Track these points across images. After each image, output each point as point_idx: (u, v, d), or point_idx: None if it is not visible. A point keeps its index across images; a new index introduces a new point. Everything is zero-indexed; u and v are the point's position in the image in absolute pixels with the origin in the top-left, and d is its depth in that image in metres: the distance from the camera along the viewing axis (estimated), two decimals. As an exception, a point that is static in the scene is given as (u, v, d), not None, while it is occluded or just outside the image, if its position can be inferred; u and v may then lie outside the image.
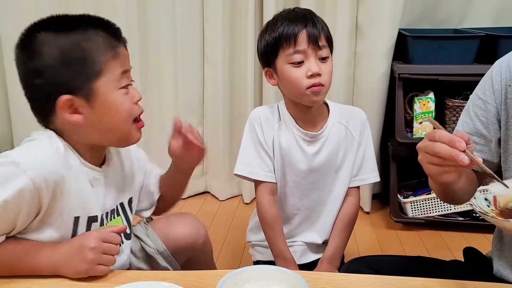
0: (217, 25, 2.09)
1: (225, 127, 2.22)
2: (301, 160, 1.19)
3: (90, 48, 0.77)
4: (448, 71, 1.81)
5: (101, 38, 0.79)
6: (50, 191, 0.74)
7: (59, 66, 0.76)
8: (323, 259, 1.23)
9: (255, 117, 1.20)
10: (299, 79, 1.09)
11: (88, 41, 0.78)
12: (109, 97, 0.79)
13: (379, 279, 0.72)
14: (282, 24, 1.09)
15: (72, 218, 0.80)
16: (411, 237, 1.91)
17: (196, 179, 2.35)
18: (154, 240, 1.00)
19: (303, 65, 1.09)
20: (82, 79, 0.77)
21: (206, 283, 0.71)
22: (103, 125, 0.81)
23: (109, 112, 0.80)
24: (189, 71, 2.19)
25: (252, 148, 1.20)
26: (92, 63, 0.77)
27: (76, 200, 0.79)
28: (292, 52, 1.08)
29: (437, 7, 2.09)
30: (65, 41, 0.77)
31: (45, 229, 0.78)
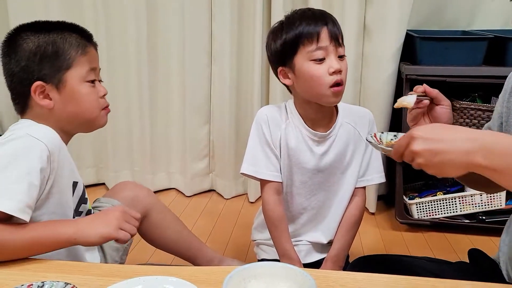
0: (225, 24, 2.10)
1: (232, 126, 2.23)
2: (309, 160, 1.19)
3: (64, 44, 0.92)
4: (456, 72, 1.80)
5: (74, 38, 0.94)
6: (57, 157, 0.87)
7: (35, 58, 0.90)
8: (327, 259, 1.23)
9: (262, 116, 1.20)
10: (322, 76, 1.08)
11: (62, 39, 0.92)
12: (76, 87, 0.93)
13: (386, 278, 0.72)
14: (302, 22, 1.09)
15: (71, 182, 0.94)
16: (416, 238, 1.90)
17: (202, 177, 2.36)
18: (108, 201, 1.14)
19: (324, 62, 1.08)
20: (53, 69, 0.91)
21: (212, 279, 0.71)
22: (70, 111, 0.94)
23: (75, 100, 0.93)
24: (197, 70, 2.20)
25: (259, 147, 1.20)
26: (63, 57, 0.91)
27: (69, 167, 0.93)
28: (314, 48, 1.08)
29: (446, 9, 2.08)
30: (43, 38, 0.91)
31: (52, 198, 0.87)
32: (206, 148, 2.34)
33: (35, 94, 0.90)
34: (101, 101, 0.98)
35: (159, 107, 2.31)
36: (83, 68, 0.93)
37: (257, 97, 2.16)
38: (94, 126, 0.99)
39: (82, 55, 0.93)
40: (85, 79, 0.94)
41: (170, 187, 2.42)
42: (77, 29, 0.96)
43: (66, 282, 0.67)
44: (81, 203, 0.98)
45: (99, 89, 0.97)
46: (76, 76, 0.93)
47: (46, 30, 0.92)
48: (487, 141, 0.66)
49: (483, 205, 1.88)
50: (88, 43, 0.96)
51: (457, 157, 0.66)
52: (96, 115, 0.97)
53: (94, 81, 0.96)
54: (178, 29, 2.18)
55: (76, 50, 0.92)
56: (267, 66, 2.17)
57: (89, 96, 0.95)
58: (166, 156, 2.39)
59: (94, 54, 0.97)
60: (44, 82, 0.91)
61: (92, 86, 0.96)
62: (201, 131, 2.29)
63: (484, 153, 0.65)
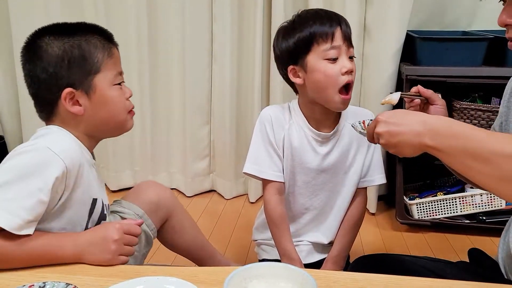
0: (225, 24, 2.10)
1: (232, 126, 2.23)
2: (312, 160, 1.19)
3: (89, 47, 0.88)
4: (456, 73, 1.81)
5: (97, 40, 0.90)
6: (75, 174, 0.83)
7: (62, 63, 0.86)
8: (328, 259, 1.23)
9: (266, 116, 1.20)
10: (335, 76, 1.09)
11: (87, 42, 0.88)
12: (106, 92, 0.90)
13: (386, 279, 0.73)
14: (317, 21, 1.09)
15: (90, 199, 0.90)
16: (417, 239, 1.90)
17: (202, 178, 2.36)
18: (129, 207, 1.09)
19: (337, 62, 1.09)
20: (82, 74, 0.87)
21: (213, 279, 0.71)
22: (100, 116, 0.91)
23: (105, 105, 0.90)
24: (197, 70, 2.20)
25: (262, 147, 1.20)
26: (91, 60, 0.88)
27: (89, 183, 0.89)
28: (328, 47, 1.08)
29: (446, 9, 2.08)
30: (67, 42, 0.87)
31: (64, 213, 0.84)
32: (206, 148, 2.34)
33: (65, 101, 0.87)
34: (127, 103, 0.95)
35: (160, 107, 2.31)
36: (110, 71, 0.90)
37: (257, 98, 2.16)
38: (123, 129, 0.96)
39: (109, 57, 0.90)
40: (113, 82, 0.91)
41: (170, 187, 2.41)
42: (98, 30, 0.93)
43: (67, 282, 0.67)
44: (101, 219, 0.94)
45: (125, 91, 0.94)
46: (105, 80, 0.90)
47: (68, 33, 0.88)
48: (434, 124, 0.74)
49: (483, 206, 1.88)
50: (112, 45, 0.93)
51: (410, 138, 0.75)
52: (124, 118, 0.94)
53: (121, 83, 0.94)
54: (178, 29, 2.18)
55: (102, 52, 0.89)
56: (268, 66, 2.18)
57: (118, 99, 0.92)
58: (166, 156, 2.39)
59: (118, 55, 0.95)
60: (74, 88, 0.87)
61: (120, 89, 0.93)
62: (201, 131, 2.30)
63: (431, 135, 0.73)
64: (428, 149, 0.74)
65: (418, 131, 0.74)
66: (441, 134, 0.72)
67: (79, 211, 0.87)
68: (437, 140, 0.72)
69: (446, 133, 0.72)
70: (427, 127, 0.74)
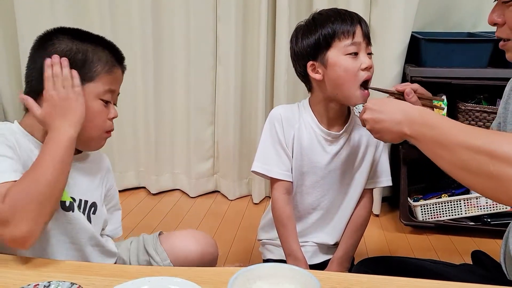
0: (230, 25, 2.11)
1: (236, 128, 2.23)
2: (322, 159, 1.20)
3: (93, 57, 0.90)
4: (461, 74, 1.80)
5: (105, 54, 0.92)
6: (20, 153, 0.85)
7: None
8: (333, 260, 1.23)
9: (276, 115, 1.20)
10: (355, 71, 1.10)
11: (93, 51, 0.91)
12: (88, 102, 0.89)
13: (391, 281, 0.72)
14: (338, 19, 1.12)
15: None
16: (421, 241, 1.90)
17: (206, 179, 2.37)
18: (162, 257, 1.07)
19: (357, 57, 1.11)
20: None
21: (217, 280, 0.71)
22: None
23: None
24: (202, 71, 2.20)
25: (271, 146, 1.20)
26: (89, 68, 0.90)
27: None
28: (349, 43, 1.10)
29: (451, 10, 2.08)
30: (76, 45, 0.90)
31: None
32: (210, 149, 2.34)
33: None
34: (107, 123, 0.94)
35: (164, 108, 2.31)
36: (103, 85, 0.91)
37: (261, 99, 2.16)
38: (89, 146, 0.96)
39: (107, 73, 0.92)
40: (100, 96, 0.91)
41: (174, 188, 2.42)
42: (111, 47, 0.95)
43: (72, 282, 0.67)
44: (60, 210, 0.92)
45: (110, 111, 0.94)
46: (94, 91, 0.90)
47: (83, 38, 0.91)
48: (412, 114, 0.80)
49: (488, 208, 1.88)
50: (118, 64, 0.95)
51: (390, 125, 0.83)
52: (96, 135, 0.94)
53: (108, 102, 0.94)
54: (183, 31, 2.18)
55: (103, 66, 0.91)
56: (272, 68, 2.18)
57: (98, 115, 0.92)
58: (170, 157, 2.39)
59: (118, 76, 0.95)
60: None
61: (104, 106, 0.93)
62: (205, 132, 2.30)
63: (408, 123, 0.79)
64: (406, 137, 0.81)
65: (398, 120, 0.81)
66: (416, 123, 0.78)
67: None
68: (413, 129, 0.79)
69: (421, 122, 0.78)
70: (406, 116, 0.80)
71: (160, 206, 2.24)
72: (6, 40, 2.30)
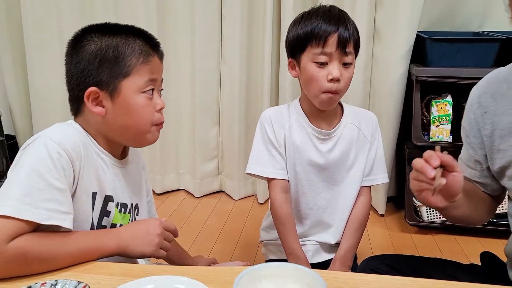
0: (235, 25, 2.11)
1: (241, 127, 2.23)
2: (314, 157, 1.20)
3: (125, 50, 0.85)
4: (467, 74, 1.79)
5: (138, 44, 0.87)
6: (78, 163, 0.81)
7: (93, 61, 0.84)
8: (335, 259, 1.23)
9: (265, 117, 1.22)
10: (320, 81, 1.10)
11: (125, 44, 0.86)
12: (130, 98, 0.86)
13: (397, 280, 0.72)
14: (316, 21, 1.09)
15: (90, 193, 0.85)
16: (426, 241, 1.89)
17: (211, 179, 2.37)
18: None
19: (326, 67, 1.09)
20: (110, 75, 0.85)
21: (223, 279, 0.71)
22: (121, 122, 0.87)
23: (127, 111, 0.86)
24: (206, 70, 2.21)
25: (263, 147, 1.21)
26: (123, 63, 0.85)
27: (93, 177, 0.86)
28: (319, 52, 1.09)
29: (457, 10, 2.07)
30: (106, 41, 0.85)
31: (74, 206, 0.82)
32: (215, 149, 2.34)
33: (88, 100, 0.85)
34: (156, 116, 0.89)
35: (169, 108, 2.31)
36: (142, 77, 0.86)
37: (266, 99, 2.16)
38: (143, 141, 0.91)
39: (144, 63, 0.86)
40: (141, 89, 0.86)
41: (179, 188, 2.43)
42: (144, 35, 0.89)
43: (79, 281, 0.67)
44: (103, 216, 0.90)
45: (156, 102, 0.89)
46: (133, 85, 0.85)
47: (112, 33, 0.86)
48: None
49: (494, 208, 1.86)
50: (153, 52, 0.89)
51: None
52: (147, 129, 0.89)
53: (152, 93, 0.89)
54: (188, 31, 2.19)
55: (138, 57, 0.85)
56: (277, 67, 2.18)
57: (143, 109, 0.87)
58: (175, 157, 2.40)
59: (157, 64, 0.90)
60: (99, 88, 0.85)
61: (149, 98, 0.88)
62: (210, 132, 2.30)
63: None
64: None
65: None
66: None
67: (83, 204, 0.85)
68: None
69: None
70: None
71: (164, 206, 2.25)
72: (13, 41, 2.32)
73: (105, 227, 0.89)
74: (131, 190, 0.97)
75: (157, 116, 0.90)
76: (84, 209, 0.84)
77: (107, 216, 0.90)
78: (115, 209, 0.90)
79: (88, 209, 0.85)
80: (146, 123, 0.88)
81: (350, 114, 1.23)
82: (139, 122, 0.87)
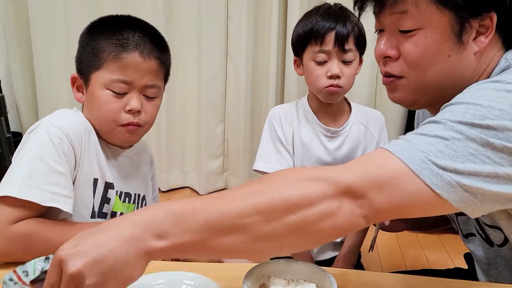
0: (241, 24, 2.11)
1: (246, 125, 2.24)
2: (322, 155, 1.21)
3: (103, 44, 0.85)
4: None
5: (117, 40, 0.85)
6: (79, 148, 0.82)
7: (82, 49, 0.88)
8: (339, 257, 1.24)
9: (274, 114, 1.23)
10: (319, 78, 1.12)
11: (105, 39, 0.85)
12: (95, 91, 0.85)
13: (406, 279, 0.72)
14: (315, 20, 1.11)
15: (92, 179, 0.86)
16: (432, 240, 1.89)
17: (216, 176, 2.37)
18: None
19: (325, 64, 1.11)
20: (87, 65, 0.86)
21: (231, 275, 0.71)
22: (90, 113, 0.88)
23: (92, 103, 0.87)
24: (212, 69, 2.21)
25: (271, 144, 1.22)
26: (98, 57, 0.85)
27: (94, 162, 0.86)
28: (317, 50, 1.11)
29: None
30: (106, 32, 0.86)
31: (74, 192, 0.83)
32: (220, 147, 2.35)
33: (73, 86, 0.89)
34: (122, 116, 0.85)
35: (175, 106, 2.32)
36: (111, 73, 0.83)
37: (272, 97, 2.16)
38: (113, 139, 0.89)
39: (115, 60, 0.83)
40: (108, 86, 0.84)
41: (184, 185, 2.43)
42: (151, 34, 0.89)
43: None
44: (104, 202, 0.89)
45: (126, 102, 0.85)
46: (100, 78, 0.84)
47: (116, 26, 0.87)
48: (149, 217, 0.51)
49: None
50: (131, 50, 0.84)
51: (121, 254, 0.48)
52: (110, 127, 0.86)
53: (124, 94, 0.85)
54: (194, 28, 2.19)
55: (109, 52, 0.83)
56: (283, 66, 2.18)
57: (104, 105, 0.84)
58: (181, 154, 2.40)
59: (133, 63, 0.84)
60: (80, 75, 0.88)
61: (115, 96, 0.84)
62: (216, 130, 2.31)
63: (154, 232, 0.50)
64: (159, 253, 0.50)
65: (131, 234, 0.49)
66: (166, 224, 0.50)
67: (85, 190, 0.85)
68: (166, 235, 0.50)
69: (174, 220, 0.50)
70: (140, 224, 0.50)
71: (170, 203, 2.25)
72: (20, 40, 2.33)
73: (106, 214, 0.89)
74: (137, 181, 0.97)
75: (124, 117, 0.85)
76: (84, 195, 0.85)
77: (107, 203, 0.90)
78: (116, 196, 0.90)
79: (89, 195, 0.86)
80: (107, 120, 0.85)
81: (358, 113, 1.23)
82: (100, 117, 0.86)
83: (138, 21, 0.92)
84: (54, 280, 0.49)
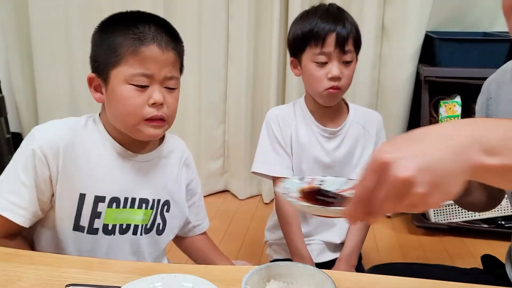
0: (242, 23, 2.10)
1: (247, 126, 2.23)
2: (320, 155, 1.20)
3: (119, 40, 0.83)
4: (477, 75, 1.77)
5: (134, 34, 0.84)
6: (55, 161, 0.82)
7: (98, 48, 0.87)
8: (340, 259, 1.23)
9: (271, 116, 1.23)
10: (320, 80, 1.12)
11: (122, 34, 0.84)
12: (116, 87, 0.83)
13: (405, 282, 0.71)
14: (314, 21, 1.10)
15: (77, 194, 0.84)
16: (433, 243, 1.88)
17: (216, 178, 2.36)
18: None
19: (326, 66, 1.11)
20: (104, 63, 0.85)
21: (231, 278, 0.71)
22: (112, 111, 0.86)
23: (113, 100, 0.85)
24: (213, 69, 2.20)
25: (269, 146, 1.21)
26: (116, 53, 0.83)
27: (82, 175, 0.85)
28: (318, 52, 1.11)
29: (467, 10, 2.05)
30: (118, 29, 0.85)
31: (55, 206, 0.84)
32: (221, 148, 2.34)
33: (90, 86, 0.88)
34: (146, 110, 0.83)
35: (175, 107, 2.32)
36: (130, 68, 0.82)
37: (273, 98, 2.15)
38: (137, 135, 0.86)
39: (133, 54, 0.82)
40: (129, 81, 0.82)
41: (184, 186, 2.42)
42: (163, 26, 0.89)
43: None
44: (94, 218, 0.87)
45: (149, 96, 0.83)
46: (120, 74, 0.82)
47: (130, 21, 0.86)
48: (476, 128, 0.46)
49: (502, 210, 1.85)
50: (149, 44, 0.83)
51: (449, 165, 0.43)
52: (134, 122, 0.84)
53: (146, 86, 0.83)
54: (195, 27, 2.18)
55: (128, 47, 0.82)
56: (284, 66, 2.17)
57: (128, 100, 0.82)
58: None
59: (152, 56, 0.83)
60: (97, 75, 0.86)
61: (138, 90, 0.83)
62: (216, 131, 2.30)
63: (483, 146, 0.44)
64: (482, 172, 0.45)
65: (463, 145, 0.44)
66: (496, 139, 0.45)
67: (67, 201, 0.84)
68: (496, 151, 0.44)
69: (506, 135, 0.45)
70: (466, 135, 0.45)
71: (170, 204, 2.24)
72: (20, 39, 2.32)
73: (97, 229, 0.87)
74: (156, 186, 0.93)
75: (148, 110, 0.83)
76: (66, 206, 0.85)
77: (98, 218, 0.87)
78: (106, 209, 0.87)
79: (71, 207, 0.85)
80: (131, 115, 0.83)
81: (356, 113, 1.23)
82: (124, 113, 0.84)
83: (150, 14, 0.92)
84: (373, 184, 0.44)
